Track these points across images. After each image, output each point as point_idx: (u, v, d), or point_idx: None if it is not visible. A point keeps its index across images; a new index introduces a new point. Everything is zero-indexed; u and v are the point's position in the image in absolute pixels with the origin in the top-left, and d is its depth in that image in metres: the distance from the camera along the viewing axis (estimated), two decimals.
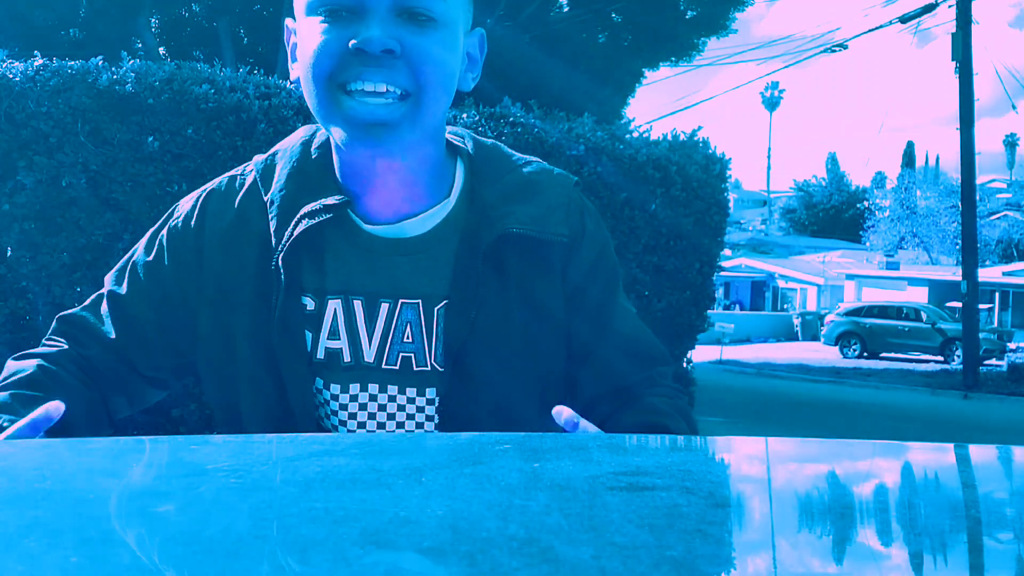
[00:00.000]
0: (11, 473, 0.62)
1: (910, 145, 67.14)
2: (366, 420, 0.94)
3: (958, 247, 22.19)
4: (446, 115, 0.96)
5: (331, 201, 0.92)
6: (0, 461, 0.66)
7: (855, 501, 0.61)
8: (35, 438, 0.81)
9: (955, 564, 0.47)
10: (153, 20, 11.91)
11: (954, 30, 14.49)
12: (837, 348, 22.23)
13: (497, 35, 10.61)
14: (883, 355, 21.70)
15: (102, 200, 4.16)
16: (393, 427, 0.94)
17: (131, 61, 4.34)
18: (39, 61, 4.16)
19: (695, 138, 6.46)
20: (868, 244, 42.42)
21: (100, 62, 4.23)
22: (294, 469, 0.63)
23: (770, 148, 66.19)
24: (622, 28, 13.39)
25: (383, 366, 0.93)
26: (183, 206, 1.00)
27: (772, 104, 69.00)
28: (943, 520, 0.56)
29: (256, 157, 1.00)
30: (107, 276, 1.03)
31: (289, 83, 0.89)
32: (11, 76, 4.05)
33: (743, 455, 0.78)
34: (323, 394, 0.94)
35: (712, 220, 6.41)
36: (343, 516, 0.50)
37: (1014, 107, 19.03)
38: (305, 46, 0.88)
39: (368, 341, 0.93)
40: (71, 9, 10.77)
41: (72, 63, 4.17)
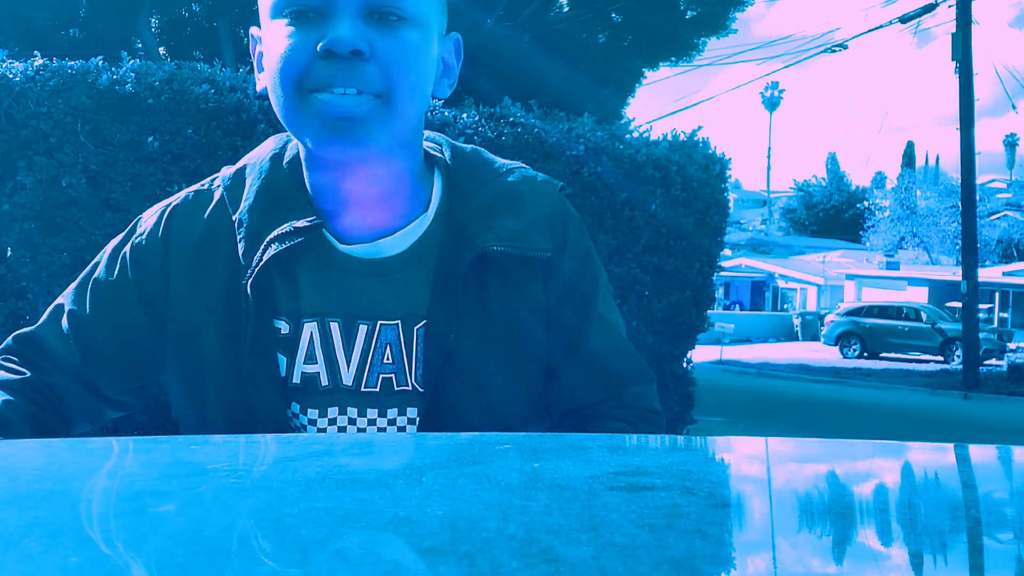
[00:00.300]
0: (11, 473, 0.62)
1: (910, 145, 67.12)
2: None
3: (958, 247, 22.19)
4: (422, 125, 0.92)
5: (302, 224, 0.87)
6: (0, 461, 0.66)
7: (855, 501, 0.61)
8: None
9: (955, 564, 0.47)
10: (153, 20, 11.90)
11: (954, 30, 14.49)
12: (837, 348, 22.23)
13: (497, 35, 10.62)
14: (883, 355, 21.71)
15: (102, 200, 4.16)
16: None
17: (131, 61, 4.34)
18: (39, 61, 4.16)
19: (695, 138, 6.46)
20: (868, 244, 42.43)
21: (100, 62, 4.22)
22: (294, 469, 0.63)
23: (770, 148, 66.24)
24: (622, 28, 13.38)
25: (362, 389, 0.90)
26: (146, 221, 0.95)
27: (772, 104, 69.00)
28: (943, 520, 0.56)
29: (224, 169, 0.96)
30: (66, 291, 0.98)
31: (257, 92, 0.86)
32: (11, 76, 4.05)
33: (743, 455, 0.78)
34: (300, 419, 0.91)
35: (712, 220, 6.41)
36: (343, 516, 0.50)
37: (1014, 107, 19.03)
38: (272, 52, 0.83)
39: (346, 364, 0.89)
40: (71, 9, 10.77)
41: (72, 63, 4.17)
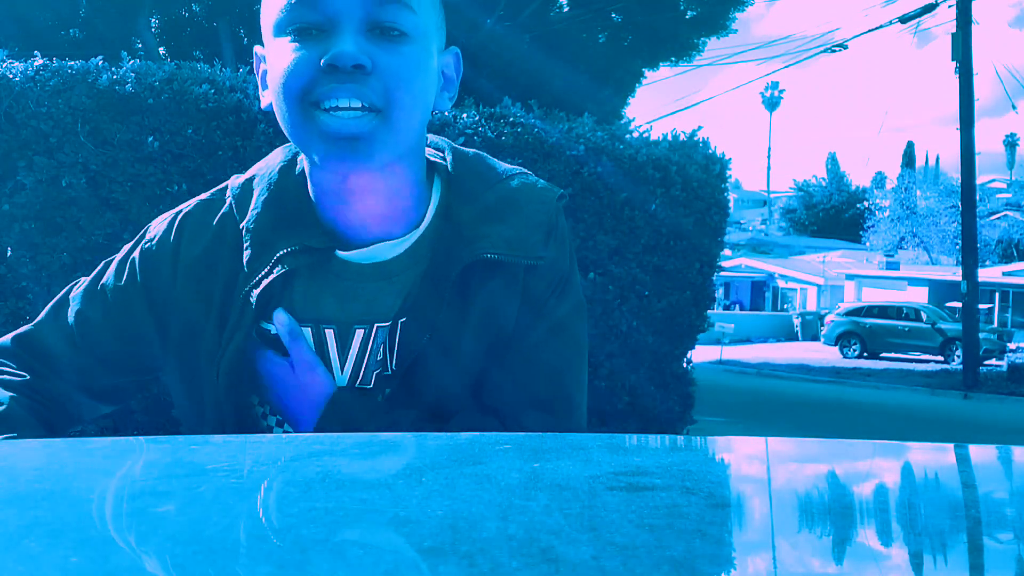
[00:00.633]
0: (11, 473, 0.62)
1: (910, 145, 67.13)
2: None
3: (958, 247, 22.19)
4: (423, 137, 0.94)
5: (315, 245, 0.90)
6: (0, 461, 0.66)
7: (855, 501, 0.61)
8: None
9: (955, 564, 0.47)
10: (153, 20, 11.90)
11: (954, 30, 14.49)
12: (837, 348, 22.23)
13: (497, 35, 10.62)
14: (883, 355, 21.70)
15: (102, 200, 4.16)
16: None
17: (131, 61, 4.34)
18: (39, 61, 4.16)
19: (695, 138, 6.45)
20: (868, 244, 42.43)
21: (100, 62, 4.22)
22: (294, 469, 0.63)
23: (770, 148, 66.25)
24: (622, 28, 13.38)
25: (356, 386, 0.92)
26: (156, 228, 0.99)
27: (772, 104, 69.01)
28: (943, 520, 0.56)
29: (233, 179, 0.99)
30: (72, 292, 1.01)
31: (262, 109, 0.89)
32: (11, 76, 4.05)
33: (743, 455, 0.78)
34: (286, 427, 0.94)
35: (712, 220, 6.40)
36: (343, 516, 0.50)
37: (1014, 107, 19.04)
38: (276, 68, 0.86)
39: (341, 367, 0.92)
40: (71, 9, 10.77)
41: (72, 63, 4.17)
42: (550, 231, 0.95)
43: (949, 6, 14.65)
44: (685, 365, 6.52)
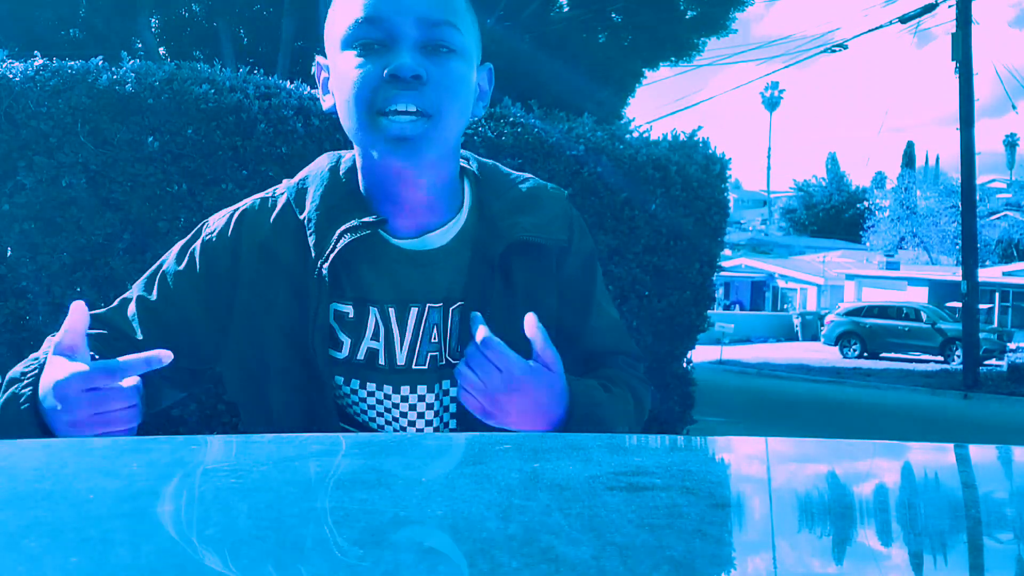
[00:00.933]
0: (11, 473, 0.62)
1: (910, 145, 67.14)
2: (397, 417, 1.05)
3: (958, 247, 22.20)
4: (460, 138, 1.07)
5: (369, 219, 1.04)
6: (0, 461, 0.66)
7: (855, 501, 0.61)
8: (130, 377, 0.90)
9: (955, 564, 0.47)
10: (153, 20, 11.90)
11: (954, 30, 14.49)
12: (837, 348, 22.23)
13: (497, 35, 10.62)
14: (883, 355, 21.70)
15: (102, 200, 4.16)
16: (422, 424, 1.05)
17: (131, 61, 4.33)
18: (39, 61, 4.16)
19: (695, 138, 6.46)
20: (868, 244, 42.44)
21: (100, 62, 4.22)
22: (294, 469, 0.63)
23: (770, 148, 66.29)
24: (622, 28, 13.38)
25: (413, 367, 1.04)
26: (215, 222, 1.10)
27: (772, 104, 69.05)
28: (943, 520, 0.56)
29: (285, 182, 1.12)
30: (135, 285, 1.11)
31: (324, 110, 1.05)
32: (11, 76, 4.05)
33: (743, 455, 0.78)
34: (358, 394, 1.05)
35: (712, 220, 6.40)
36: (343, 516, 0.50)
37: (1014, 107, 19.03)
38: (344, 78, 1.00)
39: (400, 344, 1.04)
40: (71, 9, 10.77)
41: (72, 63, 4.17)
42: (570, 221, 1.12)
43: (949, 6, 14.65)
44: (685, 365, 6.52)
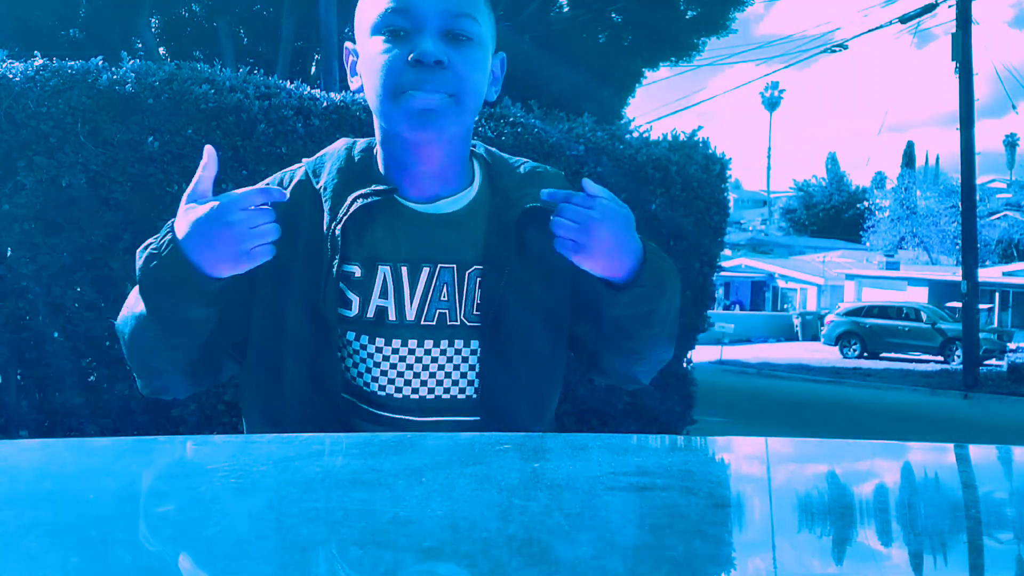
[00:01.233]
0: (11, 473, 0.62)
1: (910, 145, 67.12)
2: (404, 371, 1.10)
3: (958, 247, 22.20)
4: (475, 118, 1.15)
5: (380, 187, 1.12)
6: (0, 461, 0.66)
7: (855, 501, 0.61)
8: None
9: (955, 564, 0.47)
10: (153, 20, 11.90)
11: (954, 30, 14.49)
12: (837, 348, 22.22)
13: (497, 35, 10.61)
14: (883, 355, 21.69)
15: (102, 200, 4.16)
16: (427, 378, 1.11)
17: (131, 61, 4.33)
18: (39, 61, 4.16)
19: (695, 138, 6.45)
20: (868, 244, 42.41)
21: (100, 62, 4.22)
22: (294, 469, 0.63)
23: (770, 148, 66.32)
24: (622, 28, 13.38)
25: (422, 322, 1.11)
26: None
27: (772, 104, 69.03)
28: (943, 520, 0.56)
29: (304, 160, 1.19)
30: None
31: (352, 92, 1.16)
32: (11, 76, 4.05)
33: (743, 455, 0.78)
34: (367, 349, 1.11)
35: (712, 220, 6.40)
36: (343, 516, 0.50)
37: (1014, 107, 19.03)
38: (372, 61, 1.09)
39: (410, 301, 1.11)
40: (71, 9, 10.77)
41: (72, 63, 4.16)
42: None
43: (949, 6, 14.64)
44: (685, 365, 6.52)
